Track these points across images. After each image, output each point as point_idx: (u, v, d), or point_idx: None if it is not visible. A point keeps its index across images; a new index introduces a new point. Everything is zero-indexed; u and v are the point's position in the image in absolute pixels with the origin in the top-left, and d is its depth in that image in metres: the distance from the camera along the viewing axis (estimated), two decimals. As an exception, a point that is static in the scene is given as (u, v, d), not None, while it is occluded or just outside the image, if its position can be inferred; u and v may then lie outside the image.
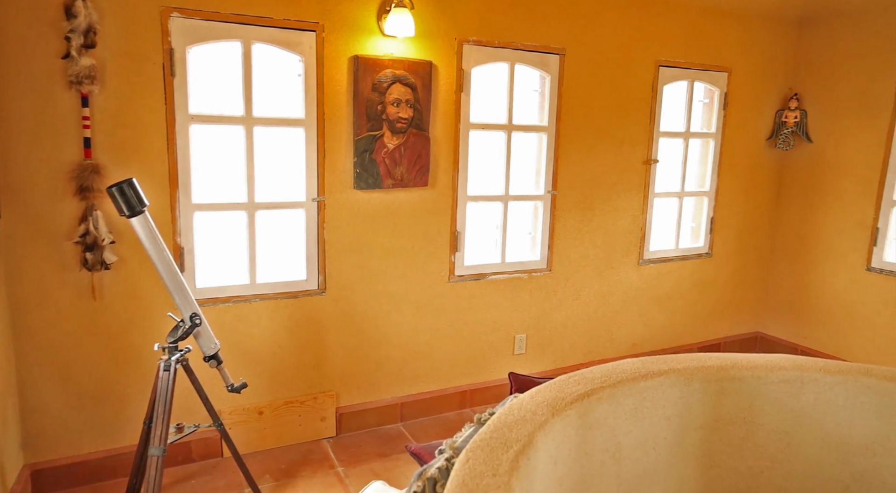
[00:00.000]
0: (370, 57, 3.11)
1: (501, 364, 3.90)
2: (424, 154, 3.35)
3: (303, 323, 3.24)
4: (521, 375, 1.92)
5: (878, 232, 4.11)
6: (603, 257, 4.12)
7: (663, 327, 4.48)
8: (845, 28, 4.23)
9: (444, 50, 3.32)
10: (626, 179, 4.08)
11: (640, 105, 4.01)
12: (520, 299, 3.86)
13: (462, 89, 3.40)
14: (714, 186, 4.45)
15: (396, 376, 3.57)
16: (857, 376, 1.78)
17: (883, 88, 4.03)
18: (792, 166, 4.64)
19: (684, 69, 4.11)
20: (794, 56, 4.55)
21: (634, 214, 4.17)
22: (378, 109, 3.17)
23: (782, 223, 4.74)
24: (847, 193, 4.28)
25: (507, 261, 3.78)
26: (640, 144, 4.08)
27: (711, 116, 4.36)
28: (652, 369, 1.75)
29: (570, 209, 3.93)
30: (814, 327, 4.55)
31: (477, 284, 3.70)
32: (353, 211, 3.26)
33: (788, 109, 4.50)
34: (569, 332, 4.10)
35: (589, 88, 3.81)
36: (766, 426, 1.84)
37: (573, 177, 3.89)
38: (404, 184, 3.32)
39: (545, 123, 3.73)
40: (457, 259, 3.60)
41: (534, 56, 3.58)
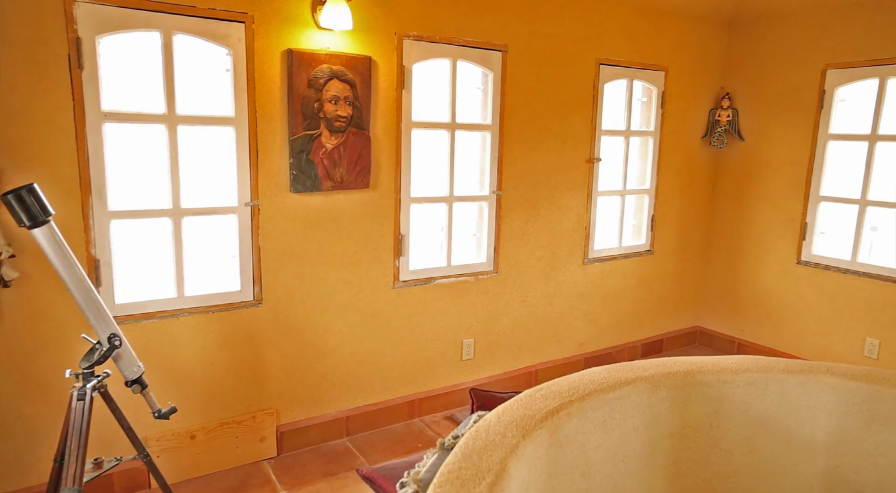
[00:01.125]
0: (305, 51, 2.91)
1: (450, 371, 3.78)
2: (365, 154, 3.17)
3: (238, 337, 3.00)
4: (482, 391, 1.80)
5: (807, 227, 4.26)
6: (549, 257, 4.07)
7: (609, 326, 4.49)
8: (771, 30, 4.36)
9: (383, 45, 3.16)
10: (571, 178, 4.05)
11: (582, 103, 3.98)
12: (467, 303, 3.75)
13: (403, 86, 3.25)
14: (654, 184, 4.49)
15: (341, 388, 3.38)
16: (819, 374, 1.75)
17: (807, 88, 4.18)
18: (726, 164, 4.75)
19: (624, 68, 4.12)
20: (726, 56, 4.66)
21: (579, 213, 4.14)
22: (315, 107, 2.98)
23: (718, 220, 4.85)
24: (777, 189, 4.41)
25: (453, 264, 3.66)
26: (583, 143, 4.05)
27: (650, 115, 4.40)
28: (619, 379, 1.67)
29: (516, 209, 3.85)
30: (749, 319, 4.68)
31: (423, 288, 3.56)
32: (290, 216, 3.05)
33: (721, 108, 4.61)
34: (516, 335, 4.02)
35: (532, 85, 3.74)
36: (731, 430, 1.79)
37: (518, 176, 3.81)
38: (344, 186, 3.14)
39: (489, 122, 3.63)
40: (401, 264, 3.45)
41: (476, 52, 3.47)
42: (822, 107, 4.11)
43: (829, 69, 4.05)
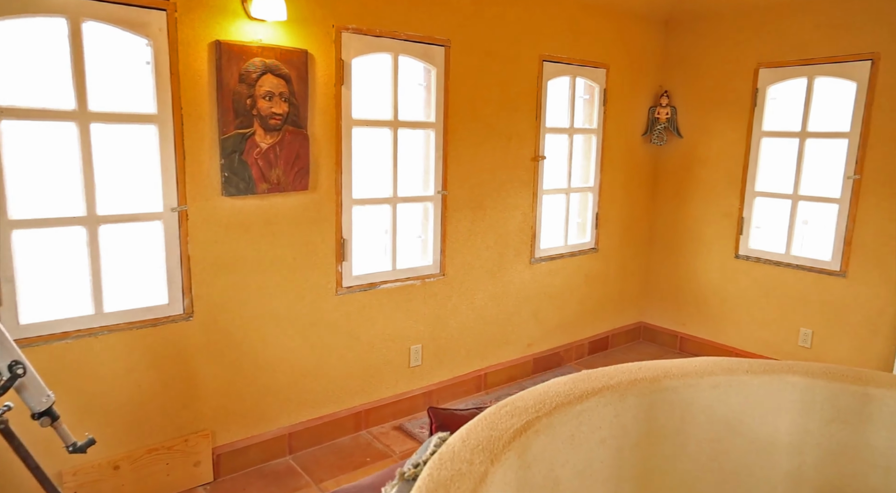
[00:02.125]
0: (235, 43, 2.69)
1: (397, 379, 3.63)
2: (303, 154, 2.98)
3: (167, 355, 2.75)
4: (441, 409, 1.67)
5: (744, 221, 4.36)
6: (496, 257, 3.98)
7: (556, 325, 4.46)
8: (706, 30, 4.44)
9: (320, 38, 2.98)
10: (516, 177, 3.98)
11: (526, 100, 3.92)
12: (414, 307, 3.61)
13: (342, 82, 3.08)
14: (598, 182, 4.49)
15: (283, 403, 3.17)
16: (782, 374, 1.72)
17: (741, 86, 4.28)
18: (666, 161, 4.81)
19: (567, 65, 4.09)
20: (663, 55, 4.72)
21: (525, 212, 4.08)
22: (247, 104, 2.76)
23: (659, 216, 4.92)
24: (715, 185, 4.50)
25: (399, 268, 3.51)
26: (528, 141, 3.99)
27: (593, 112, 4.39)
28: (586, 389, 1.58)
29: (462, 209, 3.74)
30: (691, 314, 4.77)
31: (368, 294, 3.40)
32: (222, 221, 2.82)
33: (660, 106, 4.66)
34: (465, 338, 3.92)
35: (476, 82, 3.64)
36: (697, 435, 1.73)
37: (463, 175, 3.70)
38: (282, 188, 2.94)
39: (432, 119, 3.51)
40: (344, 269, 3.27)
41: (418, 47, 3.34)
42: (755, 105, 4.21)
43: (762, 68, 4.16)
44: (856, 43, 3.72)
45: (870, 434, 1.69)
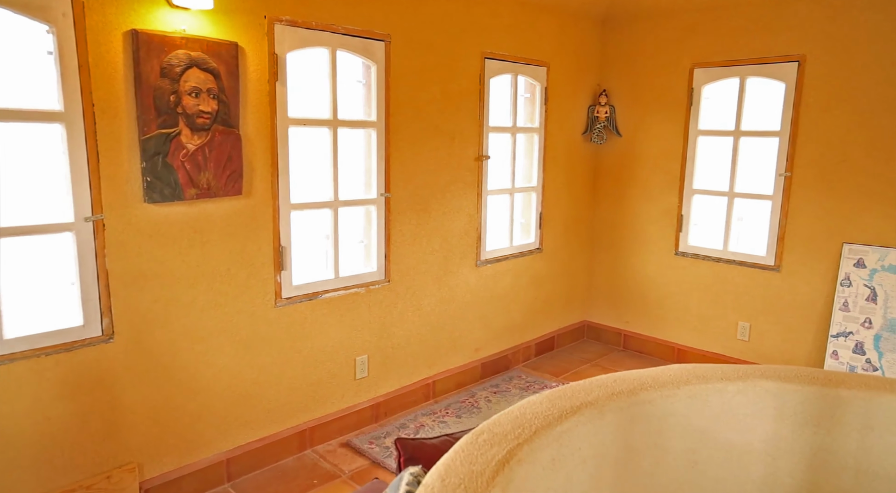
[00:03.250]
0: (155, 33, 2.42)
1: (343, 392, 3.43)
2: (236, 156, 2.74)
3: (83, 383, 2.45)
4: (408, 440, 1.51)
5: (683, 219, 4.44)
6: (441, 261, 3.85)
7: (503, 328, 4.38)
8: (643, 29, 4.48)
9: (251, 29, 2.74)
10: (460, 177, 3.86)
11: (469, 98, 3.80)
12: (358, 316, 3.43)
13: (277, 78, 2.85)
14: (541, 182, 4.44)
15: (220, 427, 2.91)
16: (755, 380, 1.68)
17: (677, 86, 4.34)
18: (606, 159, 4.84)
19: (509, 62, 4.01)
20: (601, 54, 4.73)
21: (470, 213, 3.97)
22: (171, 101, 2.49)
23: (600, 215, 4.93)
24: (654, 183, 4.56)
25: (342, 275, 3.32)
26: (472, 140, 3.88)
27: (534, 111, 4.34)
28: (564, 408, 1.47)
29: (406, 212, 3.59)
30: (633, 311, 4.81)
31: (309, 305, 3.18)
32: (145, 231, 2.54)
33: (599, 105, 4.67)
34: (412, 346, 3.77)
35: (418, 79, 3.49)
36: (675, 446, 1.66)
37: (407, 176, 3.55)
38: (212, 193, 2.68)
39: (373, 118, 3.33)
40: (283, 279, 3.05)
41: (357, 42, 3.15)
42: (691, 104, 4.28)
43: (696, 68, 4.23)
44: (784, 45, 3.83)
45: (841, 437, 1.67)
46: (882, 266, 3.61)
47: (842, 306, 3.74)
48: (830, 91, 3.70)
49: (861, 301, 3.67)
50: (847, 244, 3.72)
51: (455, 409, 3.80)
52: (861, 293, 3.67)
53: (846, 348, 3.72)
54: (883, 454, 1.65)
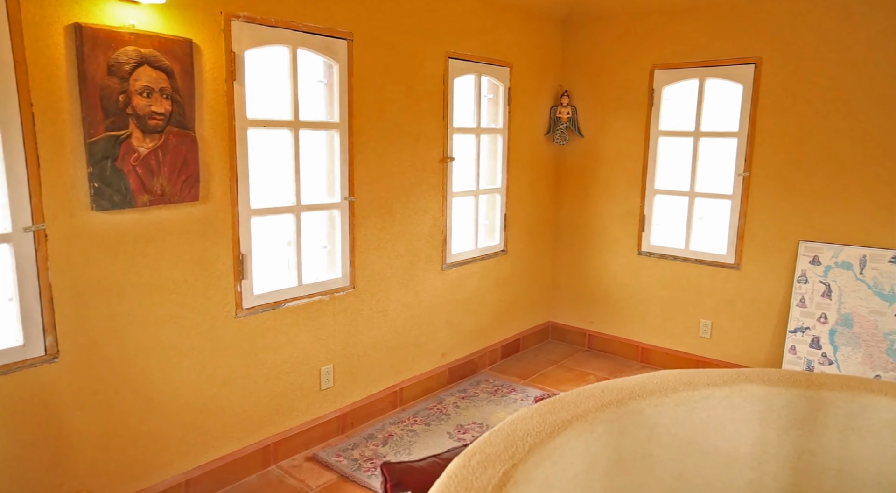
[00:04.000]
0: (101, 28, 2.25)
1: (308, 404, 3.30)
2: (192, 160, 2.58)
3: (25, 408, 2.26)
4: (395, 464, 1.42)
5: (645, 219, 4.48)
6: (407, 265, 3.76)
7: (470, 331, 4.32)
8: (603, 31, 4.50)
9: (207, 26, 2.59)
10: (425, 179, 3.78)
11: (433, 99, 3.73)
12: (323, 325, 3.31)
13: (234, 77, 2.71)
14: (505, 183, 4.41)
15: (178, 447, 2.75)
16: (741, 384, 1.66)
17: (638, 87, 4.38)
18: (569, 160, 4.84)
19: (472, 63, 3.95)
20: (563, 54, 4.73)
21: (435, 216, 3.90)
22: (120, 101, 2.33)
23: (564, 216, 4.94)
24: (617, 183, 4.59)
25: (306, 283, 3.19)
26: (436, 141, 3.81)
27: (498, 112, 4.30)
28: (555, 423, 1.41)
29: (370, 216, 3.48)
30: (597, 311, 4.83)
31: (272, 314, 3.04)
32: (93, 241, 2.37)
33: (561, 105, 4.67)
34: (378, 353, 3.66)
35: (381, 79, 3.40)
36: (663, 455, 1.63)
37: (371, 179, 3.45)
38: (167, 199, 2.52)
39: (336, 120, 3.22)
40: (244, 288, 2.90)
41: (318, 40, 3.03)
42: (652, 105, 4.32)
43: (657, 69, 4.27)
44: (741, 48, 3.91)
45: (824, 438, 1.68)
46: (836, 263, 3.72)
47: (799, 302, 3.84)
48: (786, 93, 3.79)
49: (817, 297, 3.78)
50: (803, 242, 3.82)
51: (423, 416, 3.71)
52: (817, 289, 3.78)
53: (804, 343, 3.82)
54: (864, 455, 1.66)
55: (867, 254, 3.62)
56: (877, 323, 3.61)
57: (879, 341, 3.60)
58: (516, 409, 3.82)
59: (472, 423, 3.64)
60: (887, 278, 3.57)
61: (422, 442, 3.40)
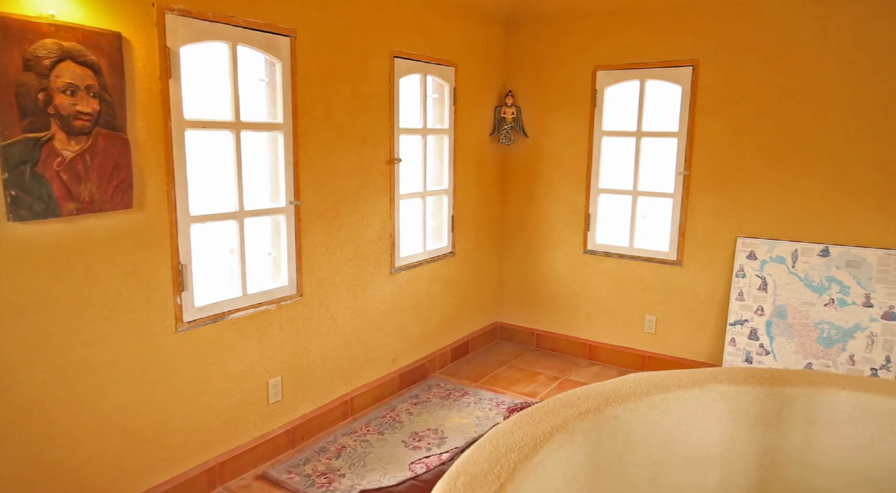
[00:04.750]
0: (14, 17, 2.03)
1: (256, 419, 3.14)
2: (124, 164, 2.38)
3: (-63, 443, 2.01)
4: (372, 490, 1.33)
5: (590, 217, 4.54)
6: (356, 270, 3.65)
7: (419, 336, 4.25)
8: (546, 31, 4.53)
9: (138, 18, 2.40)
10: (372, 182, 3.68)
11: (379, 99, 3.63)
12: (270, 335, 3.15)
13: (170, 75, 2.52)
14: (452, 184, 4.36)
15: (113, 476, 2.53)
16: (709, 384, 1.67)
17: (581, 87, 4.43)
18: (514, 160, 4.84)
19: (418, 62, 3.88)
20: (506, 55, 4.73)
21: (383, 219, 3.80)
22: (40, 99, 2.11)
23: (510, 216, 4.94)
24: (562, 183, 4.63)
25: (251, 292, 3.03)
26: (383, 142, 3.71)
27: (443, 112, 4.24)
28: (536, 435, 1.36)
29: (317, 221, 3.35)
30: (545, 310, 4.87)
31: (215, 327, 2.87)
32: (11, 254, 2.14)
33: (505, 106, 4.67)
34: (328, 362, 3.53)
35: (326, 78, 3.27)
36: (637, 460, 1.61)
37: (317, 182, 3.31)
38: (97, 207, 2.32)
39: (280, 120, 3.07)
40: (185, 300, 2.71)
41: (260, 37, 2.88)
42: (595, 105, 4.38)
43: (599, 70, 4.34)
44: (680, 50, 4.02)
45: (788, 433, 1.71)
46: (771, 257, 3.88)
47: (737, 296, 3.98)
48: (721, 95, 3.92)
49: (754, 291, 3.93)
50: (740, 238, 3.97)
51: (376, 425, 3.61)
52: (753, 283, 3.93)
53: (742, 335, 3.97)
54: (824, 447, 1.71)
55: (798, 248, 3.80)
56: (808, 313, 3.79)
57: (810, 331, 3.79)
58: (470, 413, 3.78)
59: (427, 429, 3.57)
60: (816, 270, 3.76)
61: (376, 453, 3.30)
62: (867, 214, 3.60)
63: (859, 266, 3.64)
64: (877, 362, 3.62)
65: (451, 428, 3.59)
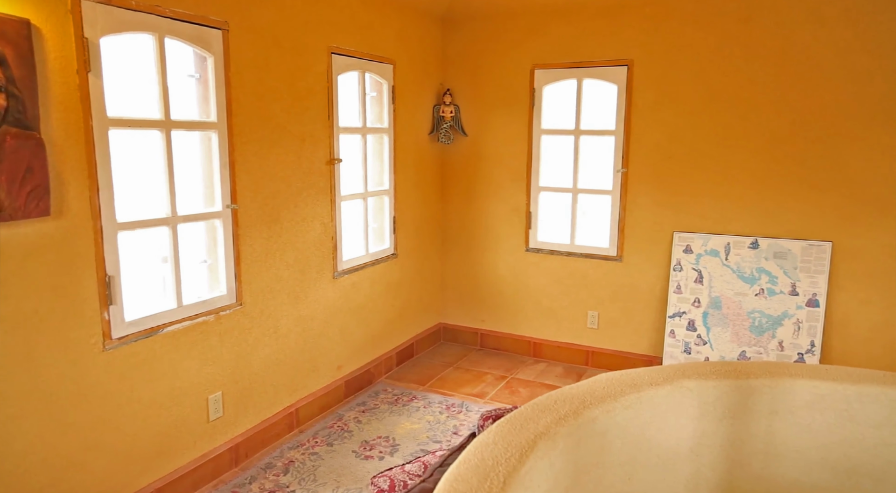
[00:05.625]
0: None
1: (196, 439, 2.93)
2: (38, 166, 2.14)
3: None
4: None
5: (532, 216, 4.56)
6: (297, 276, 3.49)
7: (364, 341, 4.13)
8: (484, 29, 4.51)
9: (49, 5, 2.16)
10: (312, 183, 3.53)
11: (318, 97, 3.48)
12: (209, 348, 2.95)
13: (89, 68, 2.29)
14: (392, 184, 4.26)
15: (36, 514, 2.28)
16: (679, 380, 1.68)
17: (520, 86, 4.44)
18: (454, 160, 4.80)
19: (356, 59, 3.75)
20: (443, 52, 4.68)
21: (324, 222, 3.65)
22: (-63, 94, 1.86)
23: (451, 215, 4.89)
24: (503, 182, 4.62)
25: (186, 303, 2.82)
26: (322, 142, 3.56)
27: (382, 111, 4.13)
28: (520, 444, 1.31)
29: (256, 225, 3.17)
30: (488, 309, 4.85)
31: (149, 342, 2.65)
32: None
33: (444, 104, 4.61)
34: (271, 374, 3.36)
35: (262, 74, 3.10)
36: (613, 461, 1.60)
37: (255, 185, 3.14)
38: (7, 216, 2.07)
39: (213, 119, 2.87)
40: (113, 315, 2.48)
41: (189, 29, 2.68)
42: (533, 104, 4.41)
43: (537, 69, 4.36)
44: (615, 49, 4.10)
45: (752, 424, 1.74)
46: (706, 250, 4.03)
47: (675, 289, 4.11)
48: (655, 93, 4.03)
49: (691, 283, 4.07)
50: (677, 233, 4.10)
51: (324, 436, 3.47)
52: (690, 276, 4.07)
53: (681, 327, 4.10)
54: (785, 435, 1.75)
55: (731, 241, 3.97)
56: (741, 304, 3.96)
57: (743, 320, 3.96)
58: (420, 418, 3.70)
59: (378, 437, 3.46)
60: (747, 262, 3.94)
61: (326, 465, 3.16)
62: (792, 208, 3.80)
63: (786, 257, 3.84)
64: (803, 347, 3.83)
65: (402, 435, 3.50)
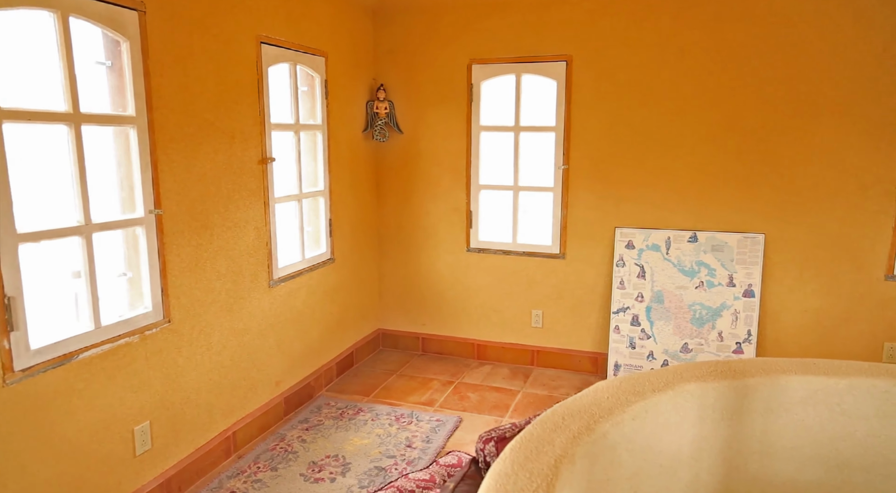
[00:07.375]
0: None
1: (120, 477, 2.58)
2: (-84, 168, 1.76)
3: None
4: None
5: (472, 215, 4.45)
6: (230, 286, 3.18)
7: (302, 352, 3.85)
8: (415, 23, 4.33)
9: (-75, -29, 1.78)
10: (244, 184, 3.23)
11: (247, 90, 3.18)
12: (134, 373, 2.60)
13: (-22, 50, 1.92)
14: (328, 185, 4.00)
15: None
16: (680, 384, 1.59)
17: (457, 81, 4.31)
18: (390, 158, 4.60)
19: (287, 50, 3.48)
20: (375, 46, 4.46)
21: (258, 227, 3.35)
22: None
23: (388, 216, 4.69)
24: (441, 180, 4.48)
25: (105, 324, 2.46)
26: (253, 140, 3.27)
27: (315, 106, 3.87)
28: (544, 472, 1.17)
29: (183, 232, 2.84)
30: (429, 312, 4.69)
31: (61, 372, 2.28)
32: None
33: (378, 100, 4.41)
34: (204, 395, 3.03)
35: (186, 64, 2.77)
36: (621, 474, 1.49)
37: (181, 187, 2.81)
38: None
39: (131, 113, 2.53)
40: (16, 343, 2.11)
41: (99, 7, 2.33)
42: (471, 100, 4.29)
43: (474, 64, 4.24)
44: (553, 45, 4.05)
45: (748, 424, 1.69)
46: (647, 246, 4.07)
47: (619, 285, 4.13)
48: (594, 90, 4.03)
49: (633, 278, 4.10)
50: (619, 228, 4.12)
51: (267, 460, 3.18)
52: (633, 271, 4.10)
53: (625, 322, 4.13)
54: (779, 433, 1.72)
55: (671, 236, 4.03)
56: (682, 297, 4.03)
57: (685, 313, 4.04)
58: (370, 432, 3.49)
59: (326, 457, 3.22)
60: (687, 255, 4.01)
61: (272, 493, 2.89)
62: (727, 201, 3.91)
63: (722, 250, 3.94)
64: (741, 336, 3.95)
65: (352, 452, 3.27)
